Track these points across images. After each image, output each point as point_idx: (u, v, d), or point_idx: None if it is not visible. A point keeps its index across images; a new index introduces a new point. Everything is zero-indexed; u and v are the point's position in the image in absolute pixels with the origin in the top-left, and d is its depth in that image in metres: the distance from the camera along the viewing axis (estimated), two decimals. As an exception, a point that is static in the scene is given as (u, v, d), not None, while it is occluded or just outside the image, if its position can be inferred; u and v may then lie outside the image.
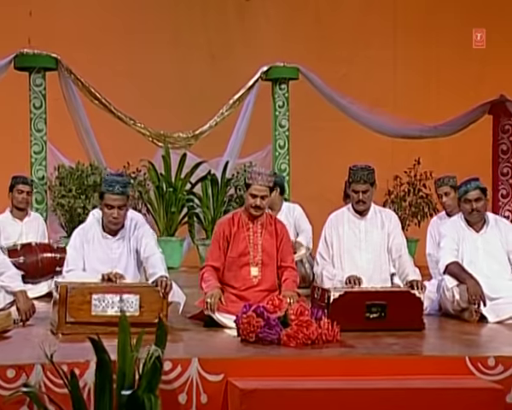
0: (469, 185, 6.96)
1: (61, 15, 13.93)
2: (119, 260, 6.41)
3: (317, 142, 13.46)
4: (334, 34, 14.66)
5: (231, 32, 14.59)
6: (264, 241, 6.55)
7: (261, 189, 6.43)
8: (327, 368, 5.07)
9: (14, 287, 6.25)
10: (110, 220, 6.34)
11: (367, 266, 6.75)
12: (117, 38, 13.99)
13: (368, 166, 6.84)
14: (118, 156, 11.75)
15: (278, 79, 12.35)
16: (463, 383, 4.95)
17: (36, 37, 13.76)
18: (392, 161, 12.91)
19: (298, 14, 14.73)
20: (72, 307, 5.80)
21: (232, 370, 4.96)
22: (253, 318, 5.58)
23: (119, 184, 6.31)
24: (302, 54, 13.82)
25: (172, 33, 14.23)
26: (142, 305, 5.87)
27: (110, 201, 6.28)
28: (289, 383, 4.85)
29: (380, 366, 5.12)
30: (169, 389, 4.90)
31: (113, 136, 12.11)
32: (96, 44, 13.89)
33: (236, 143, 12.21)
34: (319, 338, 5.59)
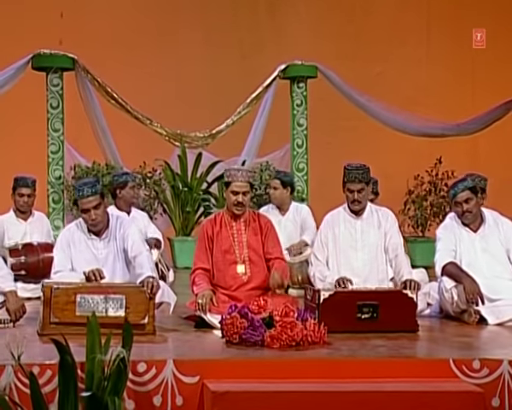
0: (457, 188, 6.81)
1: (93, 17, 13.98)
2: (107, 260, 6.36)
3: (335, 141, 13.33)
4: (368, 32, 14.55)
5: (262, 31, 14.52)
6: (249, 237, 6.51)
7: (242, 185, 6.41)
8: (306, 370, 4.98)
9: (4, 287, 6.24)
10: (91, 223, 6.30)
11: (363, 266, 6.63)
12: (149, 39, 13.98)
13: (363, 165, 6.72)
14: (134, 156, 11.73)
15: (296, 78, 12.25)
16: (443, 386, 4.82)
17: (67, 38, 13.87)
18: (412, 160, 12.71)
19: (330, 12, 14.63)
20: (56, 308, 5.76)
21: (208, 372, 4.89)
22: (236, 319, 5.50)
23: (87, 186, 6.26)
24: (334, 52, 13.78)
25: (203, 33, 14.19)
26: (127, 306, 5.81)
27: (83, 205, 6.25)
28: (263, 386, 4.76)
29: (361, 368, 5.01)
30: (143, 391, 4.83)
31: (130, 135, 12.10)
32: (127, 45, 13.90)
33: (254, 142, 12.13)
34: (304, 340, 5.49)
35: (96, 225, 6.32)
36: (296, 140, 12.22)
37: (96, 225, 6.32)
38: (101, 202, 6.29)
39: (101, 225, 6.34)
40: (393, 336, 5.86)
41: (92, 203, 6.24)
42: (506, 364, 5.00)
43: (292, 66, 12.17)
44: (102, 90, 11.79)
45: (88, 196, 6.23)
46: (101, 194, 6.32)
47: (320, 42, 14.05)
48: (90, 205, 6.24)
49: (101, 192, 6.35)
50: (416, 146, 13.00)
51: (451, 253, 6.76)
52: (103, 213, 6.33)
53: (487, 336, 6.12)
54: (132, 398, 4.82)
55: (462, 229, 6.86)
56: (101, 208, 6.29)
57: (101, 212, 6.30)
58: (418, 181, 12.40)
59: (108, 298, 5.79)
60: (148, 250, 6.35)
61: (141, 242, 6.36)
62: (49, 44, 13.60)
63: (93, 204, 6.24)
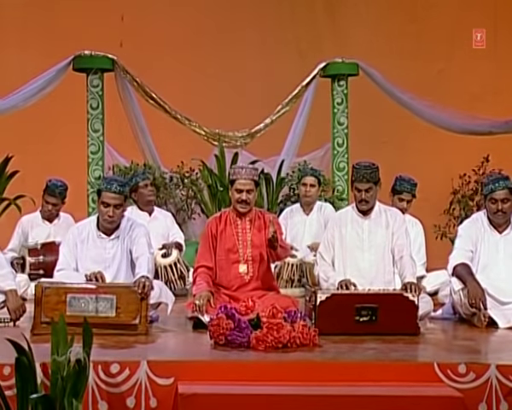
0: (497, 184, 6.57)
1: (153, 19, 14.02)
2: (113, 260, 6.37)
3: (377, 140, 13.09)
4: (430, 31, 14.23)
5: (320, 29, 14.33)
6: (253, 236, 6.45)
7: (246, 183, 6.37)
8: (284, 373, 4.89)
9: (4, 286, 6.28)
10: (105, 219, 6.31)
11: (369, 267, 6.47)
12: (208, 39, 13.97)
13: (372, 163, 6.57)
14: (173, 155, 11.71)
15: (337, 76, 12.02)
16: (423, 390, 4.67)
17: (127, 40, 13.99)
18: (458, 159, 12.39)
19: (391, 11, 14.37)
20: (47, 307, 5.77)
21: (182, 373, 4.82)
22: (222, 320, 5.41)
23: (117, 183, 6.34)
24: (394, 51, 13.50)
25: (260, 32, 14.09)
26: (118, 306, 5.79)
27: (107, 198, 6.28)
28: (236, 388, 4.68)
29: (341, 371, 4.90)
30: (116, 392, 4.80)
31: (169, 135, 12.07)
32: (186, 46, 13.93)
33: (293, 141, 11.95)
34: (292, 342, 5.38)
35: (111, 223, 6.37)
36: (336, 139, 12.00)
37: (110, 223, 6.37)
38: (122, 203, 6.37)
39: (114, 224, 6.39)
40: (391, 339, 5.72)
41: (115, 201, 6.31)
42: (493, 368, 4.82)
43: (332, 63, 11.95)
44: (141, 91, 11.77)
45: (114, 192, 6.29)
46: (125, 196, 6.42)
47: (380, 41, 13.79)
48: (112, 201, 6.30)
49: (126, 196, 6.46)
50: (463, 144, 12.66)
51: (467, 253, 6.55)
52: (120, 215, 6.39)
53: (493, 340, 5.88)
54: (105, 399, 4.80)
55: (488, 228, 6.64)
56: (120, 209, 6.36)
57: (119, 213, 6.36)
58: (464, 180, 12.06)
59: (99, 298, 5.78)
60: (152, 254, 6.29)
61: (146, 244, 6.33)
62: (110, 47, 13.74)
63: (115, 202, 6.31)
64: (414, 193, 8.07)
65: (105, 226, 6.39)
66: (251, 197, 6.40)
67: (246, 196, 6.36)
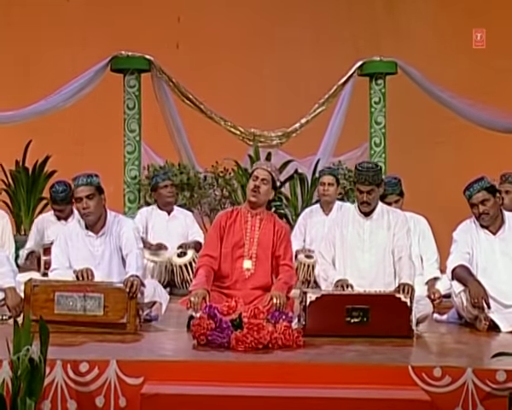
0: (472, 188, 6.43)
1: (209, 20, 14.10)
2: (103, 258, 6.37)
3: (415, 139, 12.88)
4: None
5: (378, 26, 14.20)
6: (262, 235, 6.37)
7: (262, 172, 6.32)
8: (256, 374, 4.80)
9: (4, 284, 6.34)
10: (82, 213, 6.33)
11: (369, 268, 6.34)
12: (263, 39, 13.98)
13: (374, 165, 6.45)
14: (208, 155, 11.70)
15: (374, 74, 11.86)
16: (391, 393, 4.56)
17: (184, 42, 14.10)
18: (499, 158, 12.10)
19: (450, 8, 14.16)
20: (35, 305, 5.80)
21: (152, 373, 4.78)
22: (204, 320, 5.36)
23: (83, 176, 6.35)
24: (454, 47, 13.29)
25: (315, 29, 14.01)
26: (106, 304, 5.79)
27: (77, 193, 6.32)
28: (200, 389, 4.62)
29: (314, 373, 4.80)
30: (85, 391, 4.77)
31: (205, 135, 12.07)
32: (242, 47, 13.96)
33: (330, 140, 11.85)
34: (274, 343, 5.29)
35: (88, 216, 6.34)
36: (374, 138, 11.86)
37: (87, 216, 6.34)
38: (94, 193, 6.33)
39: (92, 217, 6.34)
40: (379, 342, 5.59)
41: (85, 192, 6.30)
42: (470, 372, 4.68)
43: (369, 62, 11.82)
44: (177, 91, 11.81)
45: (82, 184, 6.30)
46: (97, 187, 6.36)
47: (439, 38, 13.60)
48: (83, 194, 6.30)
49: (98, 186, 6.39)
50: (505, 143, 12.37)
51: (465, 256, 6.39)
52: (96, 206, 6.34)
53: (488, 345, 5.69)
54: (74, 398, 4.78)
55: (481, 231, 6.48)
56: (94, 200, 6.32)
57: (93, 203, 6.32)
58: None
59: (87, 296, 5.78)
60: (140, 249, 6.27)
61: (134, 239, 6.32)
62: (167, 48, 13.90)
63: (86, 193, 6.30)
64: (398, 192, 7.80)
65: (88, 222, 6.38)
66: (264, 188, 6.31)
67: (259, 183, 6.29)
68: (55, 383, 4.75)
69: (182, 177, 11.28)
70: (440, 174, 12.68)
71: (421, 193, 11.37)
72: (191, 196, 11.30)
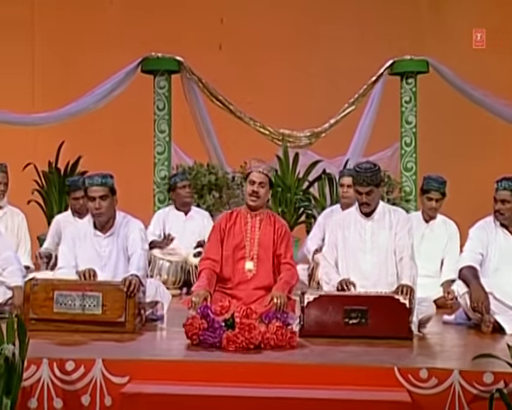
0: (500, 184, 6.40)
1: (252, 20, 14.13)
2: (109, 258, 6.38)
3: (447, 139, 12.69)
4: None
5: (423, 26, 14.07)
6: (262, 235, 6.37)
7: (259, 176, 6.33)
8: (239, 374, 4.80)
9: (11, 282, 6.41)
10: (94, 213, 6.35)
11: (372, 269, 6.25)
12: (307, 38, 13.95)
13: (373, 165, 6.36)
14: (237, 155, 11.69)
15: (405, 73, 11.73)
16: (373, 395, 4.52)
17: (227, 43, 14.15)
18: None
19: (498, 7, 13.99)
20: (35, 304, 5.85)
21: (137, 372, 4.79)
22: (196, 319, 5.35)
23: (98, 176, 6.35)
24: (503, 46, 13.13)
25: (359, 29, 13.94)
26: (104, 303, 5.81)
27: (91, 192, 6.32)
28: (182, 388, 4.63)
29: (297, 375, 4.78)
30: (71, 389, 4.82)
31: (234, 135, 12.07)
32: (285, 46, 13.96)
33: (360, 140, 11.74)
34: (266, 343, 5.27)
35: (100, 216, 6.36)
36: (404, 138, 11.72)
37: (98, 216, 6.35)
38: (108, 194, 6.34)
39: (103, 217, 6.37)
40: (376, 343, 5.50)
41: (99, 192, 6.31)
42: (456, 373, 4.63)
43: (400, 61, 11.69)
44: (207, 91, 11.83)
45: (97, 184, 6.31)
46: (110, 188, 6.36)
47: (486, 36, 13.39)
48: (96, 194, 6.31)
49: (112, 187, 6.38)
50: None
51: (476, 256, 6.30)
52: (108, 207, 6.36)
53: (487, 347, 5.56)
54: (60, 397, 4.83)
55: (500, 230, 6.39)
56: (107, 201, 6.33)
57: (106, 204, 6.33)
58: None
59: (86, 295, 5.81)
60: (144, 250, 6.27)
61: (139, 240, 6.32)
62: (209, 49, 13.97)
63: (100, 194, 6.31)
64: (443, 191, 7.76)
65: (98, 222, 6.41)
66: (262, 191, 6.32)
67: (257, 187, 6.29)
68: (42, 381, 4.80)
69: (210, 177, 11.30)
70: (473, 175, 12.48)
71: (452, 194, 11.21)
72: (220, 196, 11.30)
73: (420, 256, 7.48)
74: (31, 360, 4.77)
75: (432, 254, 7.70)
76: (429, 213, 7.83)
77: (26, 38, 14.16)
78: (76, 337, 5.54)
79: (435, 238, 7.78)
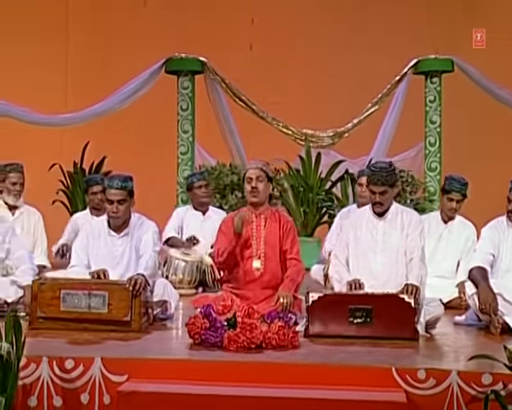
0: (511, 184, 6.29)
1: (283, 21, 14.16)
2: (122, 258, 6.41)
3: (472, 139, 12.58)
4: None
5: (457, 25, 13.96)
6: (268, 233, 6.38)
7: (254, 171, 6.37)
8: (237, 373, 4.78)
9: (22, 281, 6.44)
10: (111, 215, 6.37)
11: (382, 269, 6.21)
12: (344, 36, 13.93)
13: (388, 165, 6.31)
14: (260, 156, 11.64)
15: (430, 72, 11.65)
16: (366, 395, 4.48)
17: (257, 43, 14.19)
18: None
19: None
20: (42, 303, 5.88)
21: (136, 371, 4.80)
22: (198, 319, 5.35)
23: (119, 179, 6.34)
24: None
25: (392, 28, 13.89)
26: (110, 302, 5.82)
27: (110, 195, 6.32)
28: (179, 387, 4.62)
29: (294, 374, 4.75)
30: (71, 388, 4.83)
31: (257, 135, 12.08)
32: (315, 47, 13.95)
33: (383, 140, 11.70)
34: (268, 342, 5.25)
35: (116, 219, 6.39)
36: (428, 138, 11.66)
37: (115, 219, 6.39)
38: (126, 199, 6.35)
39: (120, 220, 6.40)
40: (381, 343, 5.45)
41: (118, 197, 6.32)
42: (455, 374, 4.57)
43: (424, 60, 11.63)
44: (230, 92, 11.85)
45: (116, 188, 6.31)
46: (129, 192, 6.36)
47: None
48: (115, 198, 6.32)
49: (130, 190, 6.39)
50: None
51: (487, 256, 6.23)
52: (126, 210, 6.38)
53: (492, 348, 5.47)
54: (60, 395, 4.85)
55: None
56: (124, 205, 6.35)
57: (123, 208, 6.35)
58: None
59: (91, 294, 5.83)
60: (155, 251, 6.28)
61: (151, 242, 6.33)
62: (240, 50, 14.01)
63: (118, 198, 6.32)
64: (464, 193, 7.68)
65: (112, 222, 6.43)
66: (261, 185, 6.34)
67: (255, 183, 6.32)
68: (42, 380, 4.82)
69: (232, 177, 11.30)
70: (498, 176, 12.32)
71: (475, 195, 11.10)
72: (242, 196, 11.28)
73: (437, 257, 7.53)
74: (30, 359, 4.81)
75: (449, 255, 7.64)
76: (448, 214, 7.76)
77: (61, 38, 14.34)
78: (76, 336, 5.55)
79: (453, 239, 7.72)
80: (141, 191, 10.69)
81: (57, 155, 11.98)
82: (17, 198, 8.09)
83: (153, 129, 12.98)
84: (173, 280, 8.12)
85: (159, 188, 11.82)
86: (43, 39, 13.97)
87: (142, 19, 14.39)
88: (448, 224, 7.82)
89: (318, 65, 13.90)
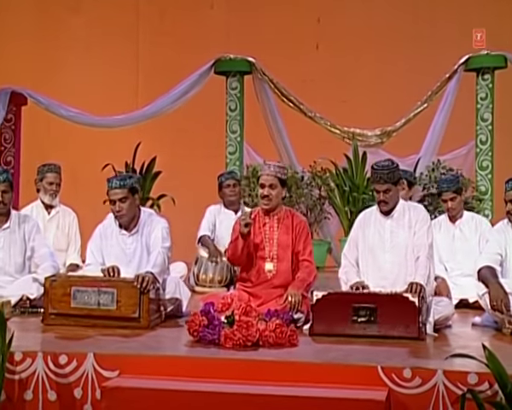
0: (508, 185, 6.22)
1: (349, 20, 14.14)
2: (134, 256, 6.49)
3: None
4: None
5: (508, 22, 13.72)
6: (280, 235, 6.36)
7: (268, 178, 6.32)
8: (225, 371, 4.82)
9: (42, 279, 6.55)
10: (116, 215, 6.45)
11: (391, 268, 6.16)
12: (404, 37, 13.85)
13: (391, 163, 6.28)
14: (308, 155, 11.67)
15: (481, 69, 11.42)
16: (346, 393, 4.45)
17: (323, 42, 14.21)
18: None
19: None
20: (54, 299, 6.01)
21: (127, 367, 4.87)
22: (198, 316, 5.39)
23: (117, 178, 6.45)
24: None
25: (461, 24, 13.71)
26: (118, 299, 5.91)
27: (111, 196, 6.44)
28: (164, 383, 4.66)
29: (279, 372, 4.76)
30: (65, 382, 4.94)
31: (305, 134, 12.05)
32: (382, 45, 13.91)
33: (433, 139, 11.50)
34: (265, 340, 5.26)
35: (121, 218, 6.48)
36: (480, 136, 11.41)
37: (120, 217, 6.49)
38: (128, 196, 6.43)
39: (125, 218, 6.47)
40: (382, 343, 5.40)
41: (118, 195, 6.42)
42: (440, 374, 4.53)
43: (475, 56, 11.38)
44: (278, 91, 11.86)
45: (115, 187, 6.41)
46: (130, 189, 6.44)
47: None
48: (115, 197, 6.43)
49: (131, 188, 6.46)
50: None
51: (494, 256, 6.14)
52: (129, 208, 6.45)
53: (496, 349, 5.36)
54: (54, 389, 4.95)
55: None
56: (127, 202, 6.43)
57: (126, 206, 6.43)
58: None
59: (101, 291, 5.93)
60: (164, 248, 6.34)
61: (161, 239, 6.40)
62: (306, 49, 14.05)
63: (119, 196, 6.42)
64: (455, 189, 7.56)
65: (119, 222, 6.52)
66: (273, 193, 6.31)
67: (268, 190, 6.29)
68: (37, 374, 4.93)
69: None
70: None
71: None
72: (290, 195, 11.28)
73: (456, 256, 7.42)
74: (26, 354, 4.92)
75: (467, 253, 7.54)
76: (449, 214, 7.71)
77: (131, 40, 14.57)
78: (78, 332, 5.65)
79: (466, 237, 7.62)
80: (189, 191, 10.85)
81: (110, 156, 12.12)
82: (53, 198, 8.27)
83: (202, 129, 13.06)
84: (203, 279, 8.18)
85: (207, 188, 11.86)
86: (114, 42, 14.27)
87: (208, 20, 14.50)
88: (456, 223, 7.77)
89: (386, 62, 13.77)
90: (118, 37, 14.35)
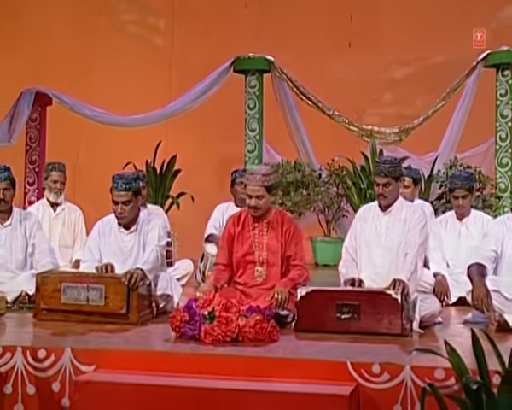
0: None
1: (382, 18, 14.15)
2: (131, 253, 6.55)
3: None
4: None
5: None
6: (270, 240, 6.30)
7: (254, 189, 6.23)
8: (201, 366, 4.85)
9: None
10: (117, 215, 6.51)
11: (383, 263, 6.14)
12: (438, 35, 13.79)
13: (393, 159, 6.27)
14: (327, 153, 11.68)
15: (501, 65, 11.32)
16: (309, 388, 4.46)
17: (356, 40, 14.23)
18: None
19: None
20: (45, 295, 6.11)
21: (103, 361, 4.93)
22: (179, 312, 5.43)
23: (123, 181, 6.44)
24: None
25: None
26: (106, 295, 5.98)
27: (115, 197, 6.48)
28: (137, 378, 4.72)
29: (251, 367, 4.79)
30: (43, 376, 5.01)
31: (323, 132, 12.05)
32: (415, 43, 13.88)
33: (452, 136, 11.44)
34: (244, 336, 5.28)
35: (122, 219, 6.55)
36: (499, 133, 11.33)
37: (121, 218, 6.54)
38: (131, 199, 6.48)
39: (126, 220, 6.54)
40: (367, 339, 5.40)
41: (123, 198, 6.47)
42: (408, 369, 4.53)
43: (495, 52, 11.30)
44: (296, 90, 11.88)
45: (121, 190, 6.45)
46: (134, 192, 6.49)
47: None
48: (120, 199, 6.47)
49: (136, 191, 6.51)
50: None
51: (487, 253, 6.11)
52: (131, 210, 6.51)
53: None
54: (33, 383, 5.03)
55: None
56: (130, 205, 6.48)
57: (129, 208, 6.49)
58: None
59: (90, 287, 6.01)
60: (159, 246, 6.39)
61: (157, 237, 6.46)
62: (339, 47, 14.07)
63: (123, 199, 6.47)
64: (468, 187, 7.50)
65: (119, 221, 6.58)
66: (261, 203, 6.25)
67: (255, 201, 6.23)
68: (16, 369, 5.01)
69: (296, 175, 11.30)
70: None
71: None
72: (308, 193, 11.30)
73: (460, 254, 7.40)
74: (6, 348, 5.01)
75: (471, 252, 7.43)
76: (458, 211, 7.64)
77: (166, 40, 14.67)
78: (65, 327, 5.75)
79: (472, 235, 7.55)
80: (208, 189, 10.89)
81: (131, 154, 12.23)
82: (58, 195, 8.38)
83: (221, 127, 13.11)
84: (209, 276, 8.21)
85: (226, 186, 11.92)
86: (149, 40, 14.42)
87: (242, 19, 14.56)
88: (463, 221, 7.72)
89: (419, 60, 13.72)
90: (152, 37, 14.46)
